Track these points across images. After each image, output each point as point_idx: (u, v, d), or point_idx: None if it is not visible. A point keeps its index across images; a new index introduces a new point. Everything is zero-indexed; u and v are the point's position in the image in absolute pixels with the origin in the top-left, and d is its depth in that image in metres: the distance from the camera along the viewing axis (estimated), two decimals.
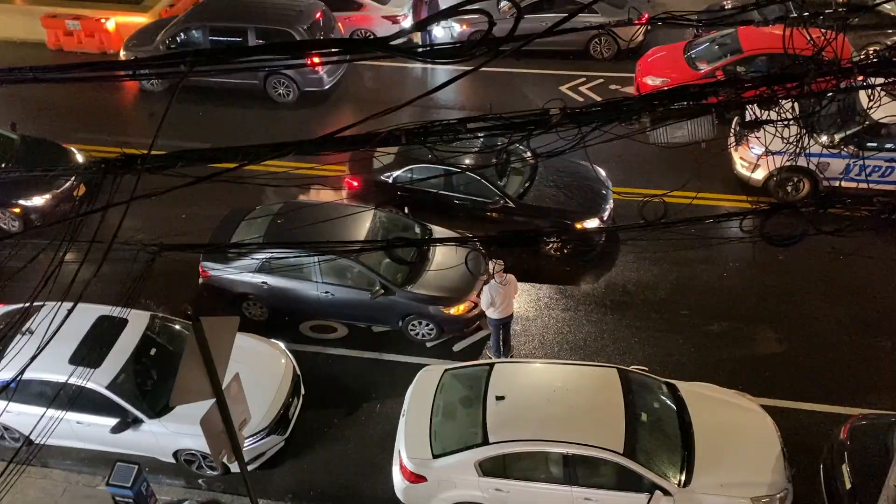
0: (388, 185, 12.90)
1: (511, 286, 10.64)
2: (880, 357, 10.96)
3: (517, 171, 12.98)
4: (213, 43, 16.76)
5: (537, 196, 12.63)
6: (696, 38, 16.47)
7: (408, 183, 12.81)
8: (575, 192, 12.70)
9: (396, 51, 4.79)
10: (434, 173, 12.66)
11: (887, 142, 12.40)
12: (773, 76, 4.70)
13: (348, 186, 13.20)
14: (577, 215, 12.38)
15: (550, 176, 12.95)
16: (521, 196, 12.57)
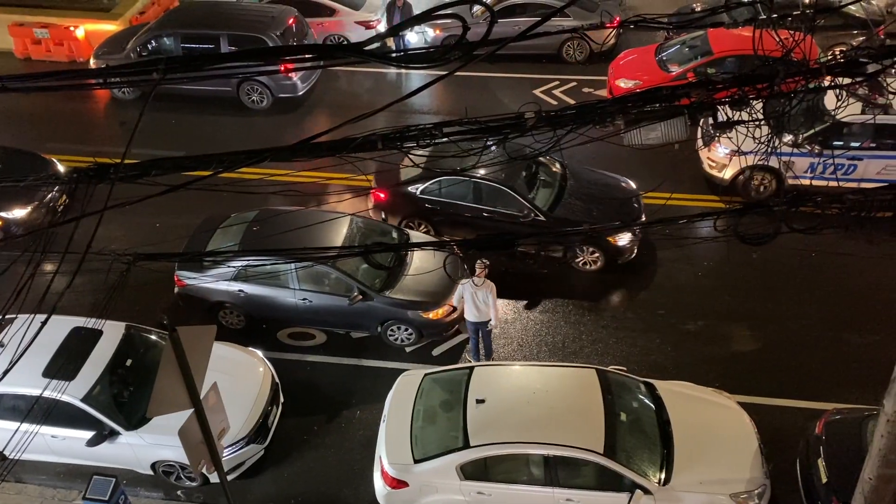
0: (414, 197, 12.76)
1: (484, 290, 10.56)
2: (852, 352, 11.14)
3: (546, 183, 12.83)
4: (185, 50, 16.63)
5: (568, 209, 12.44)
6: (667, 41, 16.66)
7: (435, 195, 12.66)
8: (606, 204, 12.50)
9: (370, 56, 4.79)
10: (463, 186, 12.47)
11: (849, 140, 12.64)
12: (743, 77, 4.77)
13: (375, 198, 13.05)
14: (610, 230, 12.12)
15: (580, 188, 12.79)
16: (552, 209, 12.41)
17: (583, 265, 12.56)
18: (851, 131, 12.56)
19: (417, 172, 12.61)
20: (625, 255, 12.44)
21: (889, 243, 9.83)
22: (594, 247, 12.29)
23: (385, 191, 12.90)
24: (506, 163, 11.15)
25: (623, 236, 12.24)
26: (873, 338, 11.18)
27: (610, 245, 12.24)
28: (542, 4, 17.59)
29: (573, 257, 12.54)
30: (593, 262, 12.48)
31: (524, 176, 12.63)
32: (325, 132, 5.02)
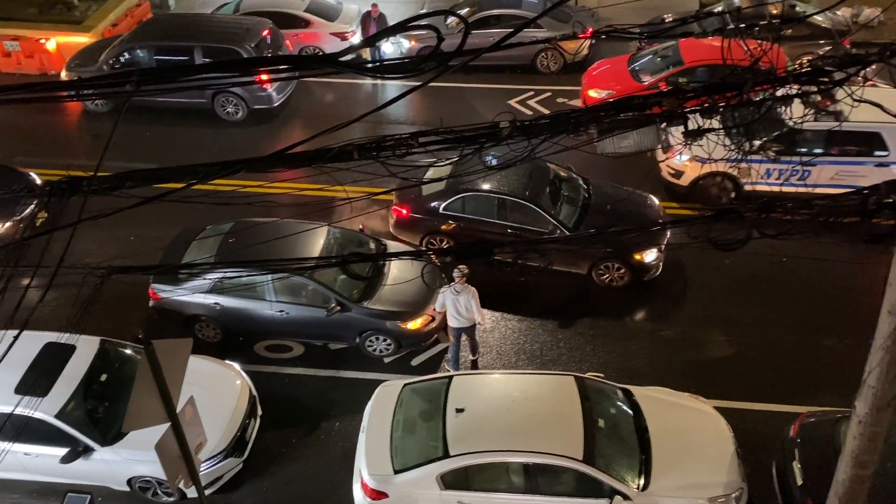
0: (437, 213, 12.68)
1: (466, 296, 10.61)
2: (825, 355, 11.32)
3: (570, 199, 12.77)
4: (159, 62, 16.54)
5: (592, 225, 12.39)
6: (639, 51, 16.88)
7: (458, 212, 12.58)
8: (630, 221, 12.35)
9: (346, 67, 4.81)
10: (487, 202, 12.43)
11: (803, 147, 12.90)
12: (713, 86, 4.87)
13: (396, 215, 12.97)
14: (635, 244, 12.09)
15: (604, 204, 12.73)
16: (577, 225, 12.37)
17: (609, 282, 12.46)
18: (805, 138, 12.80)
19: (440, 188, 12.59)
20: (650, 272, 12.35)
21: (857, 248, 10.01)
22: (621, 264, 12.20)
23: (406, 207, 12.81)
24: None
25: (649, 253, 12.15)
26: (845, 341, 11.36)
27: (636, 262, 12.14)
28: (516, 16, 17.78)
29: (551, 265, 12.61)
30: (619, 278, 12.39)
31: (548, 192, 12.56)
32: (301, 143, 5.03)
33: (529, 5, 18.31)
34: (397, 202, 12.98)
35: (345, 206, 13.01)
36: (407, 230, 13.00)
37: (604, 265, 12.30)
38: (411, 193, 12.81)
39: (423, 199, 12.77)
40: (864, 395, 5.84)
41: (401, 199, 12.95)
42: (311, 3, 18.92)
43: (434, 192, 12.67)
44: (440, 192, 12.60)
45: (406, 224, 12.93)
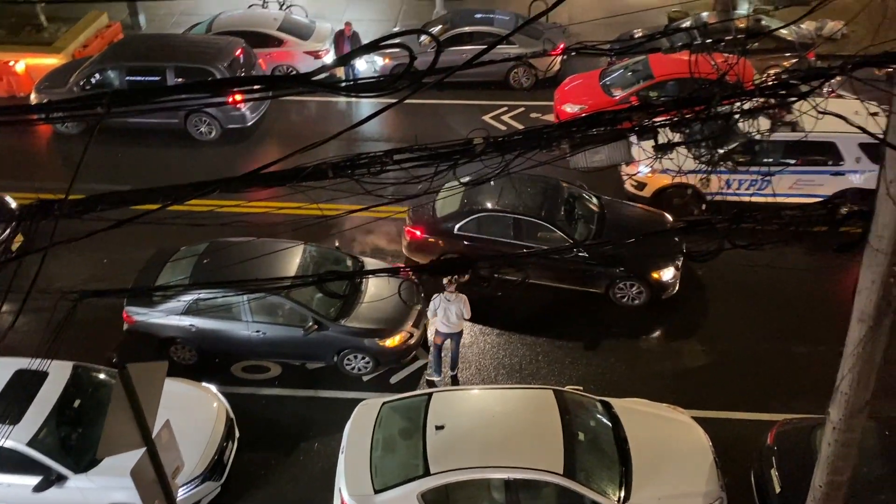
0: (451, 234, 12.55)
1: (457, 303, 10.69)
2: (799, 362, 11.46)
3: (585, 218, 12.70)
4: (131, 83, 16.43)
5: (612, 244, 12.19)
6: (610, 66, 17.10)
7: (473, 232, 12.49)
8: (647, 239, 12.25)
9: (319, 86, 4.83)
10: (502, 222, 12.33)
11: (761, 157, 13.11)
12: (682, 100, 4.95)
13: (410, 236, 12.84)
14: (653, 263, 12.05)
15: (619, 222, 12.68)
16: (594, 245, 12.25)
17: (626, 300, 12.42)
18: (763, 149, 13.04)
19: (455, 209, 12.53)
20: (668, 290, 12.32)
21: (826, 256, 10.17)
22: (638, 282, 12.16)
23: (420, 228, 12.71)
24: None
25: (667, 271, 12.12)
26: (818, 348, 11.52)
27: (654, 280, 12.12)
28: (489, 33, 17.95)
29: (527, 278, 12.65)
30: (637, 296, 12.35)
31: (563, 211, 12.51)
32: (275, 162, 5.02)
33: (501, 22, 18.49)
34: (411, 223, 12.86)
35: (322, 224, 12.97)
36: (421, 251, 12.84)
37: (621, 284, 12.26)
38: (425, 215, 12.77)
39: (438, 220, 12.67)
40: (837, 402, 5.91)
41: (414, 220, 12.85)
42: (284, 21, 18.94)
43: (449, 213, 12.57)
44: (455, 212, 12.51)
45: (420, 245, 12.77)
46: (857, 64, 4.82)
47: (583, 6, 20.74)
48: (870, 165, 13.04)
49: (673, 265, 12.16)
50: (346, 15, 20.86)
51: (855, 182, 13.28)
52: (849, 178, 13.25)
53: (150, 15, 21.93)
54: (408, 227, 12.90)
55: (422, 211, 12.88)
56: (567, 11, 20.33)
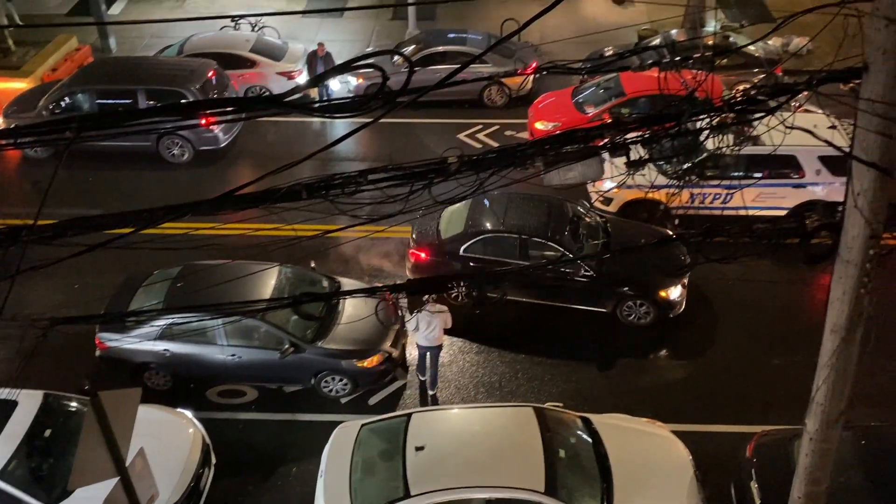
0: (457, 256, 12.43)
1: (439, 318, 10.70)
2: (776, 374, 11.56)
3: (591, 238, 12.63)
4: (101, 106, 16.28)
5: (617, 264, 12.13)
6: (583, 84, 17.29)
7: (479, 254, 12.36)
8: (651, 257, 12.24)
9: (291, 107, 4.82)
10: (508, 243, 12.19)
11: (726, 172, 13.31)
12: (652, 117, 5.00)
13: (414, 259, 12.70)
14: (660, 281, 12.00)
15: (625, 241, 12.59)
16: (599, 263, 12.17)
17: (634, 320, 12.40)
18: (726, 164, 13.23)
19: (459, 230, 12.44)
20: (675, 309, 12.27)
21: (799, 268, 10.32)
22: (646, 301, 12.12)
23: (425, 250, 12.60)
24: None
25: (674, 290, 12.08)
26: (793, 359, 11.63)
27: (662, 299, 12.10)
28: (462, 52, 18.07)
29: (504, 296, 12.65)
30: (644, 315, 12.29)
31: (569, 231, 12.46)
32: (248, 184, 4.98)
33: (474, 42, 18.65)
34: (415, 246, 12.75)
35: (297, 245, 12.89)
36: (425, 274, 12.70)
37: (629, 304, 12.23)
38: (429, 237, 12.70)
39: (443, 242, 12.58)
40: (813, 413, 5.96)
41: (419, 242, 12.76)
42: (257, 43, 18.92)
43: (453, 235, 12.50)
44: (460, 234, 12.44)
45: (425, 268, 12.64)
46: (822, 79, 4.91)
47: (554, 25, 20.98)
48: (830, 178, 13.32)
49: (679, 283, 12.14)
50: (318, 35, 20.91)
51: (817, 194, 13.52)
52: (810, 190, 13.49)
53: (121, 38, 21.78)
54: (412, 249, 12.79)
55: (425, 233, 12.82)
56: (539, 30, 20.56)
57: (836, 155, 12.73)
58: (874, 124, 4.64)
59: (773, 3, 22.22)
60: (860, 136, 4.76)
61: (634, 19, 22.02)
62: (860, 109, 4.65)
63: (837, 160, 13.06)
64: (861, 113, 4.67)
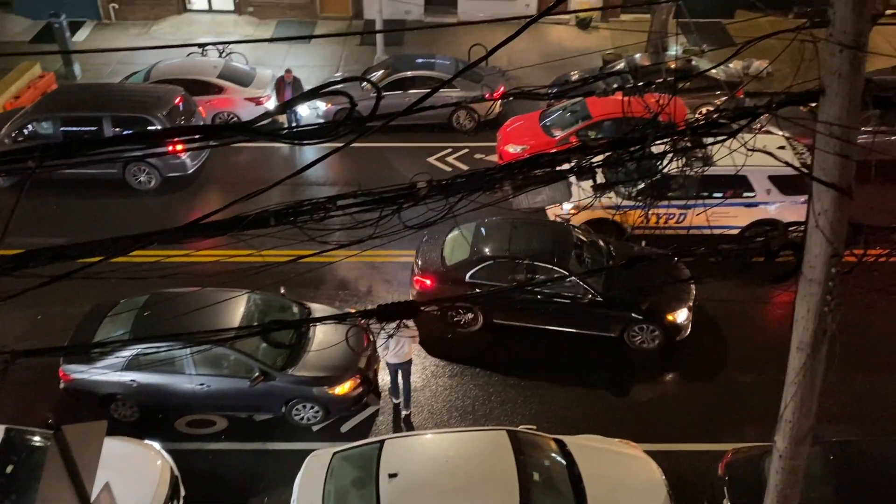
0: (462, 282, 12.34)
1: (409, 334, 10.67)
2: (745, 391, 11.69)
3: (595, 262, 12.56)
4: (66, 134, 16.08)
5: (623, 287, 12.11)
6: (550, 107, 17.51)
7: (485, 280, 12.26)
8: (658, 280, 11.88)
9: (259, 134, 4.80)
10: (514, 269, 12.12)
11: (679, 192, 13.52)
12: (617, 141, 5.08)
13: (420, 286, 12.60)
14: (667, 305, 12.01)
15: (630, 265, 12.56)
16: (606, 287, 12.12)
17: (640, 343, 12.33)
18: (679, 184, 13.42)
19: (464, 257, 12.38)
20: (682, 332, 12.25)
21: (763, 287, 10.50)
22: (654, 325, 12.07)
23: (430, 277, 12.51)
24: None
25: (681, 313, 12.04)
26: (761, 376, 11.78)
27: (669, 322, 12.06)
28: (430, 77, 18.21)
29: (476, 317, 12.66)
30: (651, 339, 12.26)
31: (574, 256, 12.39)
32: (215, 212, 4.94)
33: (442, 67, 18.81)
34: (419, 273, 12.68)
35: (267, 272, 12.77)
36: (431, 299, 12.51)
37: (636, 328, 12.19)
38: (434, 264, 12.66)
39: (448, 269, 12.52)
40: (782, 430, 6.01)
41: (423, 269, 12.68)
42: (224, 69, 18.88)
43: (459, 262, 12.45)
44: (465, 260, 12.39)
45: (430, 295, 12.55)
46: (781, 102, 5.03)
47: (521, 50, 21.27)
48: (780, 197, 13.62)
49: (686, 306, 12.15)
50: (287, 61, 20.95)
51: (769, 213, 13.80)
52: (761, 208, 13.76)
53: (86, 64, 21.61)
54: (416, 276, 12.72)
55: (430, 260, 12.77)
56: (506, 55, 20.85)
57: (785, 175, 13.09)
58: (832, 146, 4.75)
59: (734, 28, 22.80)
60: (819, 158, 4.87)
61: (599, 44, 22.42)
62: (818, 132, 4.77)
63: (787, 180, 13.41)
64: (819, 135, 4.78)
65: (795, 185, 13.50)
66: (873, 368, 11.86)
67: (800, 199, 13.54)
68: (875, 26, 4.54)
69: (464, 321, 12.73)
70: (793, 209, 13.60)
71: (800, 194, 13.51)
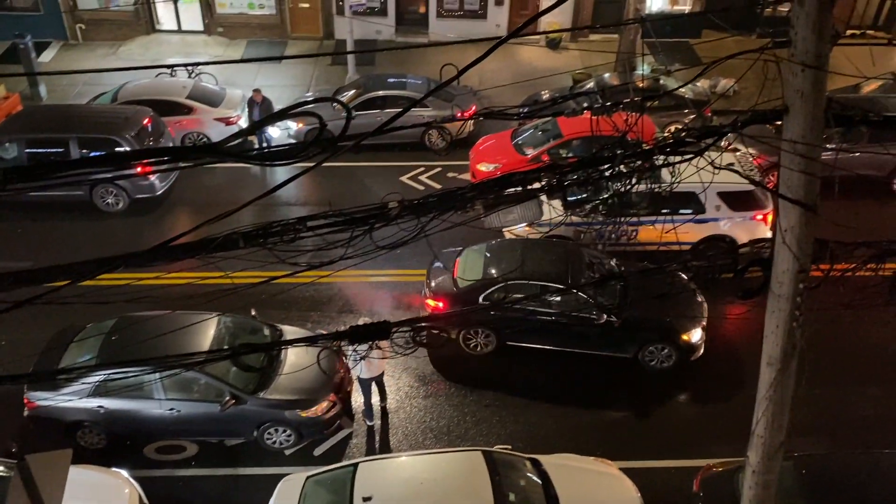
0: (476, 304, 12.18)
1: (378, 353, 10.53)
2: (718, 407, 11.76)
3: (610, 285, 12.29)
4: (31, 156, 15.81)
5: (638, 308, 11.92)
6: (521, 126, 17.64)
7: (500, 302, 12.12)
8: (674, 302, 12.02)
9: (228, 155, 4.75)
10: (528, 291, 11.93)
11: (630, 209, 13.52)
12: (587, 160, 5.12)
13: (432, 309, 12.41)
14: (682, 325, 11.91)
15: (641, 285, 12.14)
16: (620, 307, 11.98)
17: (656, 364, 12.24)
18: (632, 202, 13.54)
19: (477, 279, 12.27)
20: (696, 352, 12.21)
21: (734, 302, 10.62)
22: (668, 346, 12.02)
23: (443, 300, 12.36)
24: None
25: (695, 332, 11.98)
26: (734, 392, 11.87)
27: (684, 342, 11.99)
28: (402, 97, 18.27)
29: (448, 336, 12.60)
30: (666, 359, 12.19)
31: (587, 276, 12.28)
32: (183, 234, 4.87)
33: (414, 86, 18.88)
34: (431, 296, 12.56)
35: (237, 294, 12.62)
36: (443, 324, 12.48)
37: (651, 348, 12.12)
38: (445, 287, 12.55)
39: (461, 291, 12.40)
40: (754, 445, 6.06)
41: (435, 292, 12.58)
42: (194, 89, 18.75)
43: (471, 284, 12.32)
44: (478, 283, 12.29)
45: (443, 319, 12.36)
46: (747, 121, 5.11)
47: (492, 69, 21.46)
48: (728, 213, 13.79)
49: (700, 326, 12.09)
50: (257, 81, 20.87)
51: (720, 229, 13.95)
52: (711, 224, 13.91)
53: (52, 85, 21.34)
54: (429, 299, 12.61)
55: (441, 283, 12.67)
56: (478, 75, 20.99)
57: (735, 191, 13.28)
58: (797, 163, 4.83)
59: (700, 48, 23.23)
60: (784, 175, 4.95)
61: (569, 64, 22.70)
62: (783, 150, 4.85)
63: (736, 196, 13.62)
64: (784, 153, 4.86)
65: (745, 201, 13.77)
66: (842, 382, 12.02)
67: (748, 216, 13.83)
68: (836, 46, 4.65)
69: (477, 344, 12.63)
70: (743, 226, 13.85)
71: (749, 210, 13.79)
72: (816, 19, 4.40)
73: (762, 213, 13.95)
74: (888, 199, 16.26)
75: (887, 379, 12.12)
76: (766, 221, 14.04)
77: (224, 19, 24.50)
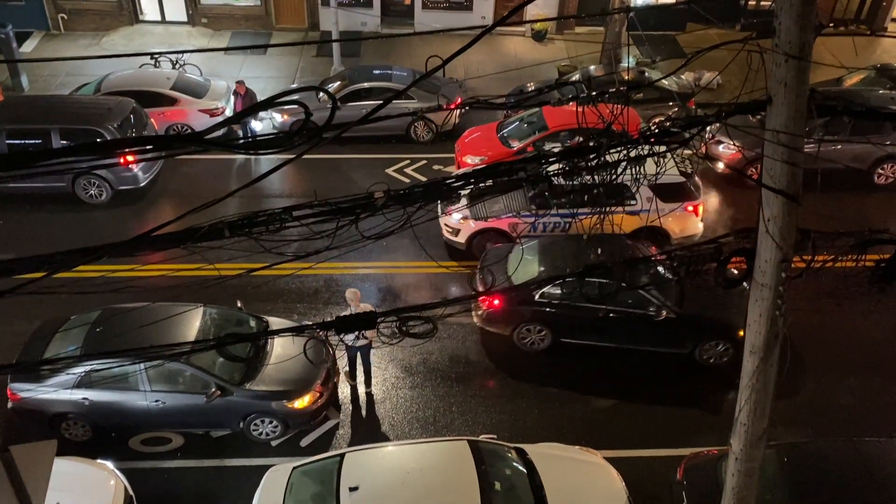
0: (532, 302, 12.09)
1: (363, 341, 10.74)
2: (701, 397, 11.87)
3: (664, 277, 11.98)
4: (12, 147, 15.61)
5: (696, 304, 11.86)
6: (507, 118, 17.65)
7: (556, 298, 12.00)
8: (727, 297, 11.63)
9: (212, 145, 4.73)
10: (586, 287, 11.63)
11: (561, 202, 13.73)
12: (573, 150, 5.14)
13: (487, 306, 12.24)
14: (739, 320, 11.76)
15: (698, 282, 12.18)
16: (679, 302, 11.85)
17: (712, 360, 12.14)
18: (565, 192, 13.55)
19: (533, 276, 12.09)
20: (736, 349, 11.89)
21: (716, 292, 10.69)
22: (725, 341, 11.95)
23: (498, 297, 12.17)
24: None
25: None
26: (716, 379, 11.98)
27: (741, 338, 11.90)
28: (387, 88, 18.22)
29: (436, 329, 12.57)
30: (723, 355, 12.10)
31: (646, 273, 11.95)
32: (167, 223, 4.84)
33: (399, 78, 18.83)
34: (485, 292, 12.44)
35: (222, 284, 12.58)
36: (498, 321, 12.46)
37: (708, 344, 12.03)
38: (499, 283, 12.42)
39: (515, 287, 12.17)
40: (737, 433, 6.12)
41: (489, 288, 12.45)
42: (178, 80, 18.60)
43: (527, 280, 12.11)
44: (534, 279, 12.05)
45: (498, 315, 12.35)
46: (731, 112, 5.14)
47: (478, 61, 21.44)
48: (660, 204, 13.79)
49: None
50: (242, 72, 20.76)
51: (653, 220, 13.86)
52: (641, 216, 13.91)
53: (33, 76, 21.09)
54: (481, 297, 12.45)
55: (493, 280, 12.56)
56: (463, 66, 20.98)
57: (665, 183, 13.31)
58: (780, 154, 4.88)
59: (684, 40, 23.33)
60: (768, 165, 4.99)
61: (554, 55, 22.73)
62: (766, 140, 4.89)
63: (667, 188, 13.73)
64: (767, 143, 4.90)
65: (675, 193, 13.92)
66: (823, 370, 12.17)
67: (678, 207, 13.98)
68: (819, 38, 4.68)
69: (532, 341, 12.57)
70: (674, 217, 14.00)
71: (679, 201, 13.98)
72: (800, 9, 4.44)
73: (693, 204, 14.21)
74: (870, 191, 16.46)
75: (868, 368, 12.29)
76: (697, 213, 14.30)
77: (208, 10, 24.30)
